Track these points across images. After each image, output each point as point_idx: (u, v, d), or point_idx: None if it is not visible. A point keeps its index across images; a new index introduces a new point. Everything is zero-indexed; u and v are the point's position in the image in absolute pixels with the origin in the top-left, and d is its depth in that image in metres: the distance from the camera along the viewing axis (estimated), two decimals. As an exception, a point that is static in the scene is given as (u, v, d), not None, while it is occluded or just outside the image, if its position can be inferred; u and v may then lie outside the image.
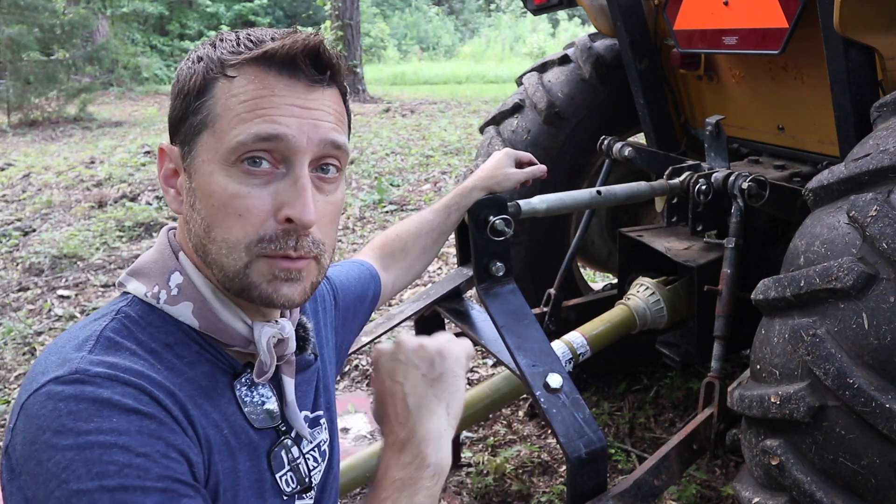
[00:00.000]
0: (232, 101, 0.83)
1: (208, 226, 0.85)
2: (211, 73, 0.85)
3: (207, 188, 0.84)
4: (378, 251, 1.48)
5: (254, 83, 0.83)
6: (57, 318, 3.87)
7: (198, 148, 0.85)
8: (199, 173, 0.85)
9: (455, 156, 7.61)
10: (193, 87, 0.85)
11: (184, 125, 0.87)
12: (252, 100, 0.83)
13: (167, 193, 0.91)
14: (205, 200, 0.85)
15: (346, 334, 1.29)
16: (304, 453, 0.99)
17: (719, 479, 2.34)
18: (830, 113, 1.86)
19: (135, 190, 6.34)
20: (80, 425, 0.73)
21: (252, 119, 0.82)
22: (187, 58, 0.89)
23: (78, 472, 0.72)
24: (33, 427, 0.75)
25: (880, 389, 1.18)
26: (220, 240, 0.85)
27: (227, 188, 0.83)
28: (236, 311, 0.90)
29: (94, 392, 0.76)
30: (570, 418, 1.46)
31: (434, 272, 4.35)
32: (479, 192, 1.58)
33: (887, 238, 1.21)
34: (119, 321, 0.85)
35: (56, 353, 0.81)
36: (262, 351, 0.90)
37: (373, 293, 1.38)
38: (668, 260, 2.09)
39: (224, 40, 0.87)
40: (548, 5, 2.58)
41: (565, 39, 20.42)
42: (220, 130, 0.83)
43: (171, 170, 0.90)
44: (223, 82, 0.84)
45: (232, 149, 0.82)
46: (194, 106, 0.85)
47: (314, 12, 21.07)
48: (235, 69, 0.84)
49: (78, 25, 11.64)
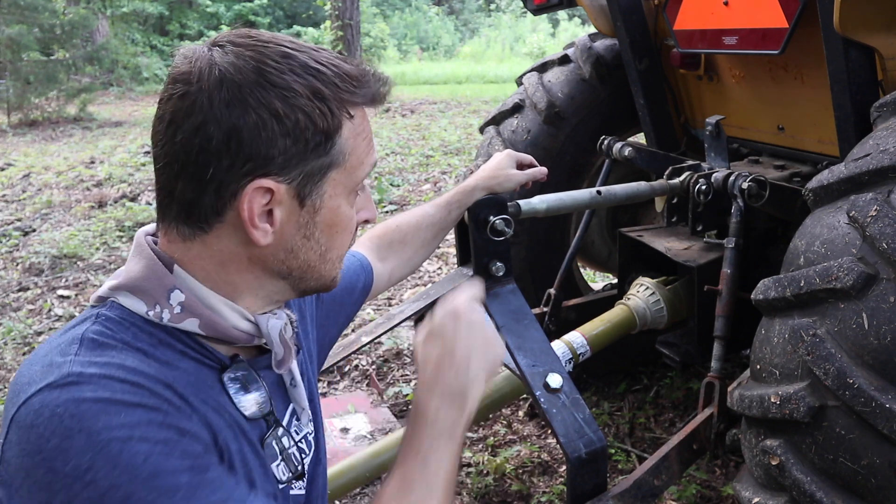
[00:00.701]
0: (358, 139, 0.91)
1: (326, 250, 0.93)
2: (338, 116, 0.87)
3: (334, 220, 0.92)
4: (376, 241, 1.48)
5: (365, 120, 0.93)
6: (57, 318, 3.87)
7: (325, 185, 0.89)
8: (325, 208, 0.90)
9: (455, 156, 7.61)
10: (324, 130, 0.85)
11: (307, 164, 0.86)
12: (368, 136, 0.93)
13: (257, 229, 0.86)
14: (328, 230, 0.92)
15: (330, 327, 1.29)
16: (295, 442, 1.01)
17: (719, 479, 2.34)
18: (830, 113, 1.86)
19: (135, 190, 6.34)
20: (89, 425, 0.73)
21: (369, 153, 0.93)
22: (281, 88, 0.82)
23: (103, 469, 0.72)
24: (33, 437, 0.73)
25: (880, 389, 1.18)
26: (335, 258, 0.95)
27: (349, 214, 0.94)
28: (241, 311, 0.91)
29: (94, 393, 0.75)
30: (570, 418, 1.46)
31: (434, 272, 4.35)
32: (480, 191, 1.58)
33: (887, 238, 1.21)
34: (100, 323, 0.84)
35: (38, 362, 0.80)
36: (276, 343, 0.93)
37: (363, 284, 1.38)
38: (668, 260, 2.09)
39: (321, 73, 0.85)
40: (548, 5, 2.58)
41: (565, 39, 20.41)
42: (351, 167, 0.90)
43: (266, 208, 0.86)
44: (348, 124, 0.89)
45: (359, 182, 0.93)
46: (325, 147, 0.87)
47: (314, 12, 21.07)
48: (354, 109, 0.89)
49: (78, 25, 11.64)
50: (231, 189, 0.83)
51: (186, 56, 0.85)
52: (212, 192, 0.83)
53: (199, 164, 0.82)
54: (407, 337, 3.41)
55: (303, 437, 1.04)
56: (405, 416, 2.74)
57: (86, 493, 0.71)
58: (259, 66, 0.82)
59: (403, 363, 3.23)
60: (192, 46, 0.87)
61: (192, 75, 0.82)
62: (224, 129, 0.81)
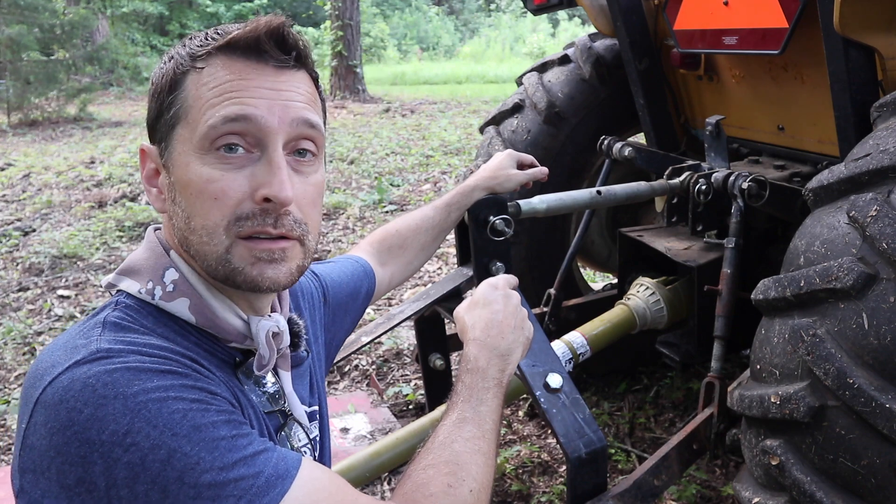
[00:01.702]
0: (202, 89, 0.85)
1: (188, 216, 0.86)
2: (181, 68, 0.86)
3: (185, 178, 0.85)
4: (376, 246, 1.48)
5: (222, 70, 0.85)
6: (57, 318, 3.87)
7: (174, 142, 0.87)
8: (176, 166, 0.86)
9: (455, 156, 7.60)
10: (165, 85, 0.87)
11: (159, 123, 0.88)
12: (220, 85, 0.84)
13: (150, 193, 0.92)
14: (184, 192, 0.86)
15: (337, 331, 1.30)
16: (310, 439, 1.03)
17: (719, 479, 2.34)
18: (830, 113, 1.86)
19: (135, 190, 6.34)
20: (124, 391, 0.73)
21: (221, 103, 0.84)
22: (160, 61, 0.91)
23: (144, 430, 0.72)
24: (62, 413, 0.73)
25: (880, 389, 1.18)
26: (199, 227, 0.85)
27: (203, 174, 0.84)
28: (231, 307, 0.91)
29: (124, 362, 0.76)
30: (570, 418, 1.46)
31: (434, 272, 4.35)
32: (480, 191, 1.58)
33: (887, 238, 1.21)
34: (120, 310, 0.86)
35: (60, 347, 0.80)
36: (262, 344, 0.92)
37: (366, 289, 1.39)
38: (668, 260, 2.09)
39: (193, 38, 0.89)
40: (548, 5, 2.58)
41: (565, 39, 20.41)
42: (193, 120, 0.85)
43: (153, 170, 0.91)
44: (193, 75, 0.86)
45: (204, 135, 0.83)
46: (167, 102, 0.87)
47: (314, 12, 21.08)
48: (203, 60, 0.86)
49: (78, 25, 11.64)
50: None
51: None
52: None
53: None
54: (407, 337, 3.41)
55: (312, 439, 1.06)
56: (405, 416, 2.74)
57: (126, 457, 0.71)
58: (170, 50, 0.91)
59: (403, 363, 3.22)
60: None
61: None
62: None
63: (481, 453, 0.95)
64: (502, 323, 1.09)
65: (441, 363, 2.12)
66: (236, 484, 0.74)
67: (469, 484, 0.90)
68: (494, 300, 1.13)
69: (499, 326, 1.09)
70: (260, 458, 0.77)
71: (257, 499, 0.75)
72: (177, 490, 0.71)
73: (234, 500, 0.73)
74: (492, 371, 1.04)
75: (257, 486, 0.75)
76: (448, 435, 0.94)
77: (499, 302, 1.12)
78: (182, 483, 0.72)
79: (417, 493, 0.87)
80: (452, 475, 0.89)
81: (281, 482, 0.77)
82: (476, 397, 1.00)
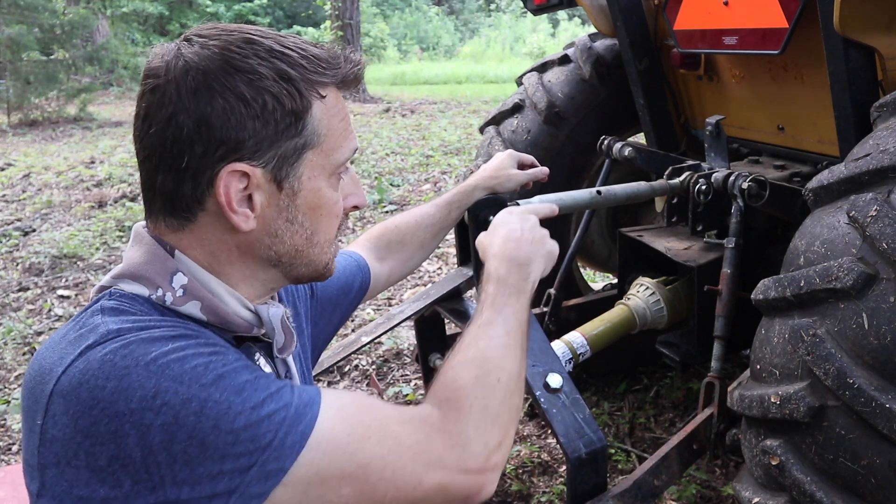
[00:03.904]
0: (333, 120, 0.91)
1: (312, 234, 0.93)
2: (310, 96, 0.87)
3: (316, 202, 0.92)
4: (375, 241, 1.48)
5: (339, 102, 0.93)
6: (57, 318, 3.87)
7: (301, 167, 0.89)
8: (305, 190, 0.90)
9: (455, 156, 7.60)
10: (292, 111, 0.86)
11: (280, 147, 0.86)
12: (344, 118, 0.93)
13: (237, 214, 0.86)
14: (311, 213, 0.92)
15: (324, 325, 1.30)
16: None
17: (719, 479, 2.34)
18: (830, 113, 1.86)
19: (135, 190, 6.34)
20: (143, 358, 0.74)
21: (349, 136, 0.94)
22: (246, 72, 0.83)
23: (172, 388, 0.73)
24: (84, 394, 0.73)
25: (880, 389, 1.18)
26: (323, 241, 0.95)
27: (332, 197, 0.94)
28: (241, 299, 0.92)
29: (137, 336, 0.77)
30: (570, 418, 1.46)
31: (434, 272, 4.35)
32: (481, 191, 1.58)
33: (887, 238, 1.21)
34: (115, 299, 0.85)
35: (60, 342, 0.80)
36: (277, 331, 0.95)
37: (359, 284, 1.39)
38: (668, 260, 2.09)
39: (287, 56, 0.86)
40: (548, 5, 2.58)
41: (565, 39, 20.41)
42: (328, 149, 0.91)
43: (244, 192, 0.86)
44: (319, 104, 0.89)
45: (338, 163, 0.93)
46: (296, 128, 0.87)
47: (314, 12, 21.08)
48: (324, 88, 0.89)
49: (78, 25, 11.64)
50: (207, 176, 0.84)
51: (157, 52, 0.87)
52: (189, 181, 0.85)
53: (174, 154, 0.83)
54: (407, 337, 3.41)
55: None
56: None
57: (160, 419, 0.71)
58: (223, 52, 0.84)
59: (403, 363, 3.22)
60: (163, 43, 0.89)
61: (160, 69, 0.84)
62: (193, 116, 0.82)
63: (507, 347, 1.00)
64: (520, 237, 1.14)
65: (441, 363, 2.12)
66: (270, 419, 0.77)
67: (496, 374, 0.96)
68: (511, 221, 1.18)
69: (516, 240, 1.13)
70: (285, 391, 0.81)
71: (293, 428, 0.78)
72: (214, 439, 0.73)
73: (272, 435, 0.76)
74: (512, 279, 1.08)
75: (290, 417, 0.78)
76: (474, 336, 1.00)
77: (515, 222, 1.18)
78: (219, 431, 0.73)
79: (447, 389, 0.93)
80: (479, 367, 0.96)
81: (309, 409, 0.81)
82: (500, 302, 1.05)
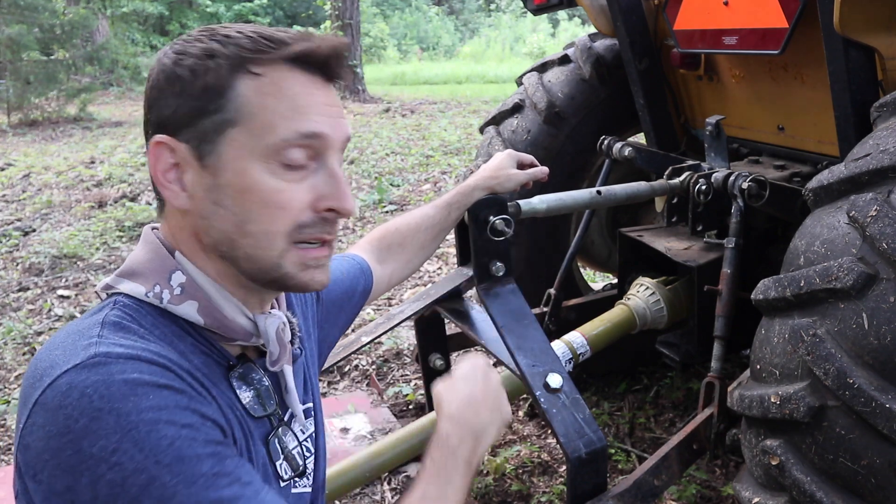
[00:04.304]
0: (268, 99, 0.86)
1: (242, 221, 0.87)
2: (230, 70, 0.85)
3: (243, 184, 0.86)
4: (376, 244, 1.48)
5: (289, 82, 0.87)
6: (57, 318, 3.87)
7: (223, 145, 0.86)
8: (228, 170, 0.86)
9: (455, 156, 7.60)
10: (209, 84, 0.85)
11: (199, 122, 0.86)
12: (291, 98, 0.86)
13: (166, 188, 0.88)
14: (239, 197, 0.86)
15: (330, 329, 1.30)
16: (300, 441, 1.03)
17: (719, 479, 2.34)
18: (830, 113, 1.86)
19: (135, 190, 6.34)
20: (118, 407, 0.73)
21: (293, 117, 0.86)
22: (181, 53, 0.87)
23: (130, 452, 0.72)
24: (60, 418, 0.73)
25: (880, 389, 1.18)
26: (257, 232, 0.87)
27: (268, 184, 0.86)
28: (238, 306, 0.92)
29: (122, 374, 0.76)
30: (570, 418, 1.46)
31: (434, 272, 4.35)
32: (480, 191, 1.58)
33: (887, 238, 1.21)
34: (119, 309, 0.86)
35: (59, 347, 0.80)
36: (272, 340, 0.94)
37: (363, 288, 1.39)
38: (668, 260, 2.09)
39: (229, 37, 0.87)
40: (548, 5, 2.58)
41: (565, 39, 20.40)
42: (258, 128, 0.85)
43: (171, 164, 0.88)
44: (249, 80, 0.85)
45: (274, 145, 0.86)
46: (215, 103, 0.85)
47: (314, 12, 21.07)
48: (260, 66, 0.86)
49: (78, 25, 11.63)
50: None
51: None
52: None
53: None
54: (407, 337, 3.41)
55: (308, 436, 1.06)
56: (405, 416, 2.74)
57: (110, 474, 0.72)
58: (177, 42, 0.89)
59: (403, 363, 3.22)
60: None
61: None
62: (146, 98, 0.90)
63: None
64: (481, 402, 1.05)
65: (441, 363, 2.12)
66: None
67: None
68: (473, 378, 1.08)
69: (477, 404, 1.05)
70: (239, 501, 0.77)
71: None
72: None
73: None
74: (462, 451, 0.99)
75: None
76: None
77: (479, 381, 1.08)
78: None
79: None
80: None
81: None
82: (444, 476, 0.96)
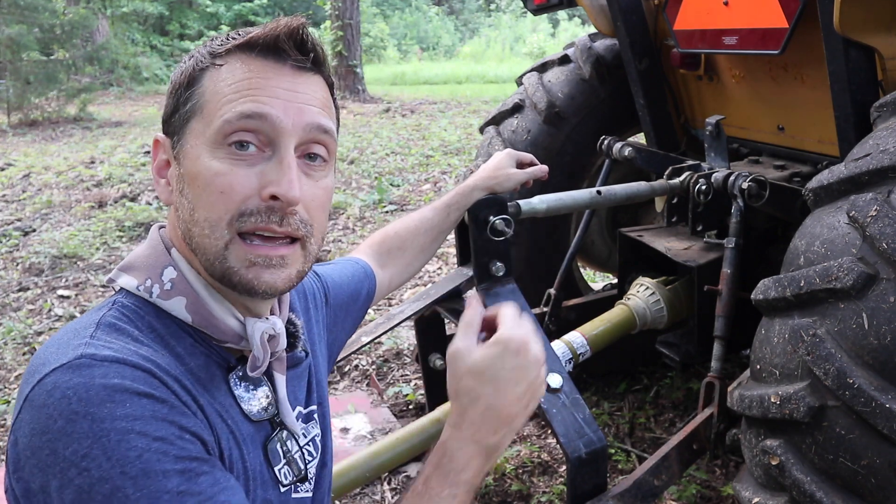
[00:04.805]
0: (220, 85, 0.86)
1: (193, 208, 0.86)
2: (200, 65, 0.88)
3: (194, 170, 0.86)
4: (376, 248, 1.49)
5: (240, 68, 0.87)
6: (57, 318, 3.87)
7: (187, 135, 0.88)
8: (187, 158, 0.87)
9: (455, 156, 7.60)
10: (184, 81, 0.89)
11: (174, 117, 0.90)
12: (238, 82, 0.86)
13: (158, 184, 0.93)
14: (191, 183, 0.86)
15: (338, 332, 1.30)
16: (301, 447, 1.01)
17: (719, 479, 2.34)
18: (830, 113, 1.86)
19: (135, 190, 6.34)
20: (93, 412, 0.73)
21: (237, 99, 0.85)
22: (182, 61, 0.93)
23: (98, 459, 0.72)
24: (42, 417, 0.74)
25: (880, 389, 1.18)
26: (202, 219, 0.85)
27: (212, 167, 0.84)
28: (228, 308, 0.91)
29: (104, 377, 0.75)
30: (570, 418, 1.46)
31: (434, 272, 4.35)
32: (480, 191, 1.58)
33: (887, 238, 1.21)
34: (117, 310, 0.86)
35: (55, 344, 0.81)
36: (256, 346, 0.91)
37: (367, 291, 1.39)
38: (668, 260, 2.09)
39: (215, 38, 0.91)
40: (548, 5, 2.58)
41: (565, 39, 20.40)
42: (209, 114, 0.86)
43: (164, 161, 0.92)
44: (211, 71, 0.87)
45: (218, 129, 0.84)
46: (184, 97, 0.88)
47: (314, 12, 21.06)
48: (222, 58, 0.87)
49: (78, 25, 11.63)
50: None
51: None
52: None
53: None
54: (407, 337, 3.41)
55: (310, 440, 1.05)
56: (405, 416, 2.74)
57: (78, 480, 0.72)
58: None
59: (403, 363, 3.22)
60: None
61: None
62: None
63: None
64: (504, 414, 0.88)
65: (441, 363, 2.12)
66: None
67: None
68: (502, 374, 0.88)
69: (496, 417, 0.88)
70: None
71: None
72: None
73: None
74: (472, 469, 0.87)
75: None
76: None
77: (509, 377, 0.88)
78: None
79: None
80: None
81: None
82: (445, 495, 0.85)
